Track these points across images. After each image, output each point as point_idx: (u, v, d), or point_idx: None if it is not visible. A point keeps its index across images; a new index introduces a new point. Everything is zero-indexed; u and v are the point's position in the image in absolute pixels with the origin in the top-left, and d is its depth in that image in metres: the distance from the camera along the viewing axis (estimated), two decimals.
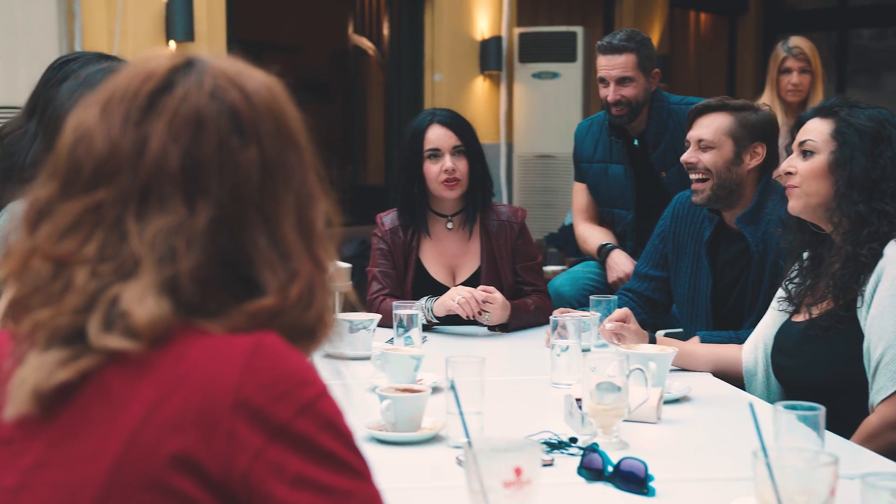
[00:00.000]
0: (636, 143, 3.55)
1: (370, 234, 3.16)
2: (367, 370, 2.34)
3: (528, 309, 2.97)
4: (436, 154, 3.03)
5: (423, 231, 3.09)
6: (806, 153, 2.24)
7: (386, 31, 8.94)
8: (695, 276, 2.88)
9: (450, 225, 3.11)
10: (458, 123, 3.06)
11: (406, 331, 2.48)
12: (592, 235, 3.64)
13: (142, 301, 0.92)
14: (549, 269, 5.76)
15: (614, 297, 2.68)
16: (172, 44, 6.57)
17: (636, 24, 9.83)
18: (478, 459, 1.27)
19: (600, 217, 3.72)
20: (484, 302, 2.83)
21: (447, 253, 3.10)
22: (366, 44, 9.36)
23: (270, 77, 1.06)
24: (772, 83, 4.30)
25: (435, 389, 2.20)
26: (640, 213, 3.56)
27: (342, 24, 10.05)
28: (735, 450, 1.77)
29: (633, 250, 3.54)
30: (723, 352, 2.46)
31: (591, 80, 8.85)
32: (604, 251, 3.51)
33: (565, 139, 3.76)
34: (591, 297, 2.67)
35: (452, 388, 1.49)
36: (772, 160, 2.78)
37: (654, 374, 2.12)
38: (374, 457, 1.78)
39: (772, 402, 2.28)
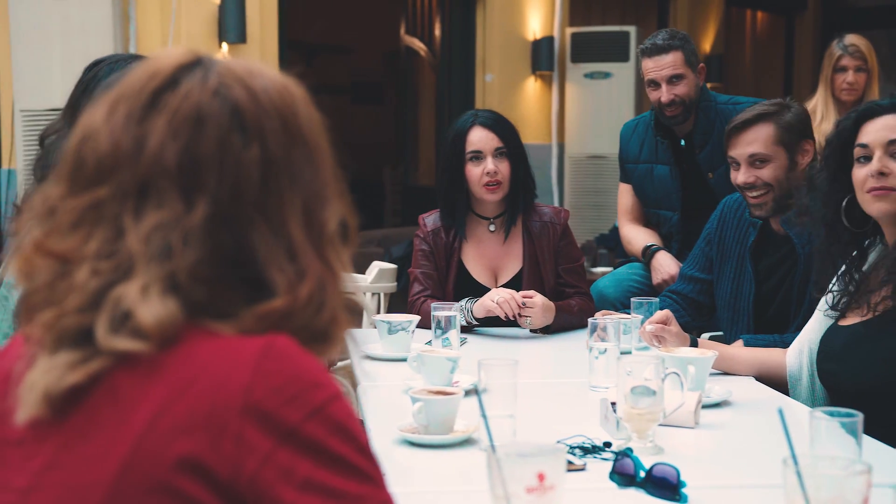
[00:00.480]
0: (682, 143, 3.51)
1: None
2: (405, 372, 2.34)
3: (572, 310, 2.95)
4: (478, 156, 3.02)
5: (464, 233, 3.08)
6: None
7: (437, 32, 8.95)
8: (738, 280, 2.84)
9: (492, 227, 3.10)
10: (500, 125, 3.05)
11: (444, 332, 2.47)
12: (637, 236, 3.60)
13: (146, 300, 0.92)
14: (598, 270, 5.72)
15: (656, 300, 2.64)
16: (225, 46, 6.63)
17: (691, 23, 9.73)
18: (501, 464, 1.26)
19: (645, 218, 3.69)
20: (524, 306, 2.80)
21: (489, 255, 3.09)
22: (417, 44, 9.38)
23: (286, 77, 1.05)
24: (826, 81, 4.22)
25: (469, 392, 2.18)
26: (685, 215, 3.51)
27: (394, 24, 10.07)
28: (773, 456, 1.72)
29: (678, 252, 3.50)
30: (766, 356, 2.41)
31: (643, 80, 8.75)
32: (648, 252, 3.48)
33: (617, 140, 3.73)
34: (633, 300, 2.64)
35: (477, 392, 1.47)
36: (815, 156, 2.74)
37: (692, 378, 2.09)
38: (406, 460, 1.79)
39: (816, 407, 2.24)
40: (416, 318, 2.59)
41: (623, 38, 8.58)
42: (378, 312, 4.40)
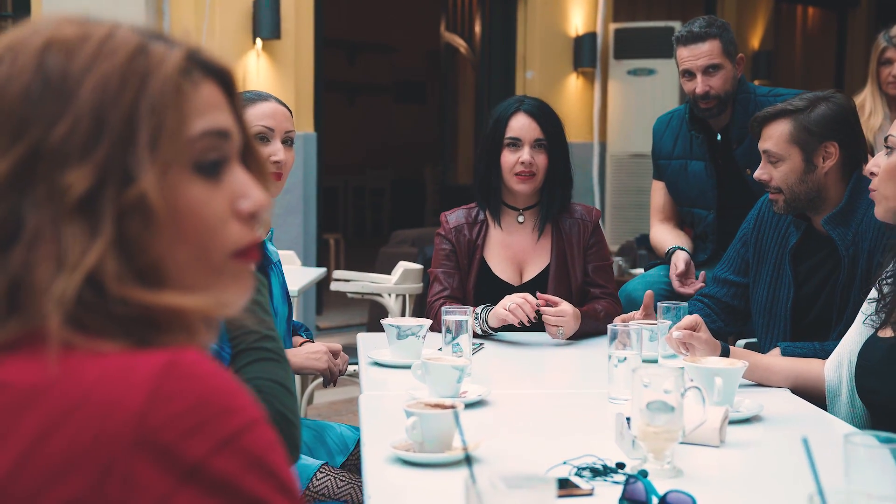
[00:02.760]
0: (718, 137, 3.31)
1: None
2: (413, 381, 2.18)
3: (598, 315, 2.77)
4: (515, 143, 2.87)
5: (495, 221, 2.93)
6: (890, 149, 2.01)
7: (478, 29, 8.80)
8: (775, 284, 2.64)
9: (521, 219, 2.94)
10: (544, 115, 2.89)
11: (454, 337, 2.30)
12: (665, 239, 3.41)
13: None
14: (637, 270, 5.51)
15: (685, 304, 2.46)
16: (259, 42, 6.54)
17: (739, 18, 9.49)
18: (482, 499, 1.10)
19: (679, 217, 3.49)
20: (544, 313, 2.64)
21: (515, 247, 2.93)
22: (458, 41, 9.23)
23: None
24: (872, 76, 4.00)
25: (477, 404, 2.02)
26: (721, 213, 3.31)
27: (436, 22, 9.93)
28: (808, 481, 1.55)
29: (714, 252, 3.30)
30: (804, 367, 2.22)
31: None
32: (667, 255, 3.28)
33: None
34: (660, 304, 2.46)
35: (456, 419, 1.31)
36: (858, 154, 2.53)
37: (719, 391, 1.91)
38: (399, 480, 1.63)
39: (857, 425, 2.05)
40: (427, 323, 2.42)
41: (668, 34, 8.30)
42: (403, 314, 4.25)
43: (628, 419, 1.72)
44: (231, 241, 0.90)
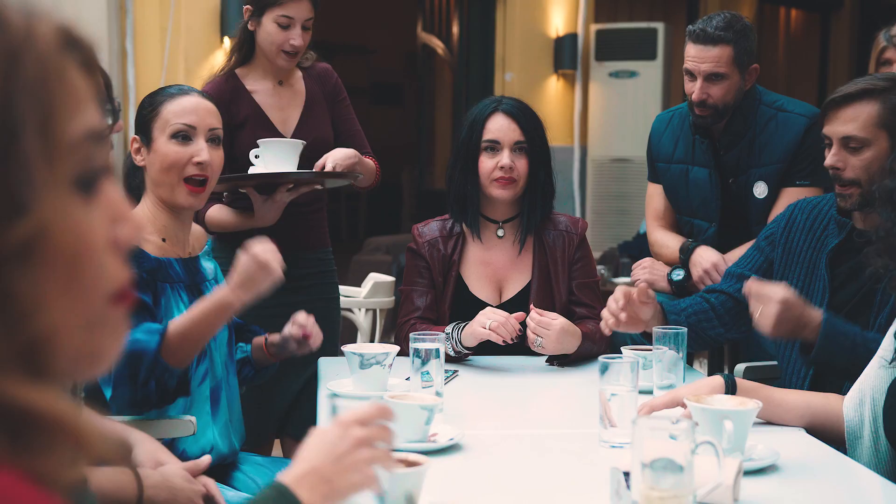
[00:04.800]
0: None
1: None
2: None
3: (595, 337, 2.51)
4: (493, 147, 2.60)
5: (472, 235, 2.68)
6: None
7: (455, 29, 8.58)
8: (806, 288, 2.35)
9: (500, 232, 2.68)
10: (525, 116, 2.62)
11: (424, 364, 2.03)
12: (672, 239, 3.08)
13: None
14: (620, 280, 5.27)
15: (683, 329, 2.19)
16: (227, 41, 6.27)
17: None
18: None
19: (678, 227, 3.16)
20: (538, 325, 2.37)
21: (494, 264, 2.67)
22: (435, 42, 8.99)
23: None
24: None
25: (448, 449, 1.75)
26: (724, 226, 2.98)
27: (412, 22, 9.68)
28: None
29: None
30: (820, 403, 1.95)
31: (672, 80, 8.39)
32: (687, 249, 2.95)
33: (643, 142, 3.22)
34: (655, 329, 2.19)
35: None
36: None
37: (730, 437, 1.65)
38: None
39: (881, 471, 1.79)
40: (393, 351, 2.15)
41: (650, 36, 8.23)
42: (374, 331, 3.97)
43: (626, 474, 1.46)
44: (110, 279, 0.64)
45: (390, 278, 3.93)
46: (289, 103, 2.86)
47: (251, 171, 2.67)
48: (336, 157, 2.69)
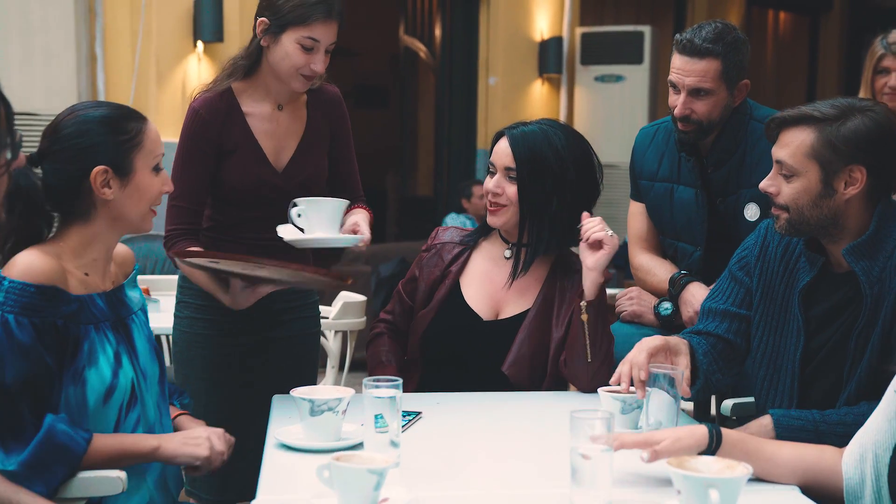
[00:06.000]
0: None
1: (413, 250, 2.59)
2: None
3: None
4: (490, 170, 2.50)
5: (483, 248, 2.58)
6: None
7: (438, 32, 8.42)
8: (781, 330, 2.17)
9: (507, 253, 2.54)
10: (524, 145, 2.43)
11: (379, 415, 1.83)
12: (660, 266, 2.87)
13: None
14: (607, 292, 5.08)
15: (680, 370, 1.98)
16: (200, 45, 6.08)
17: None
18: None
19: (662, 250, 2.95)
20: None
21: (496, 282, 2.52)
22: (417, 45, 8.83)
23: None
24: (866, 84, 3.56)
25: None
26: (710, 250, 2.77)
27: (394, 24, 9.50)
28: None
29: None
30: (814, 457, 1.76)
31: (659, 84, 8.25)
32: (679, 284, 2.74)
33: (629, 147, 3.01)
34: (651, 368, 1.97)
35: None
36: (889, 180, 2.06)
37: None
38: None
39: None
40: (347, 395, 1.94)
41: (637, 39, 8.11)
42: (343, 355, 3.77)
43: None
44: None
45: (361, 298, 3.73)
46: (286, 132, 2.51)
47: (286, 231, 2.33)
48: (367, 230, 2.41)
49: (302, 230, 2.34)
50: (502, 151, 2.46)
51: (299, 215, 2.33)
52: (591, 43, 8.27)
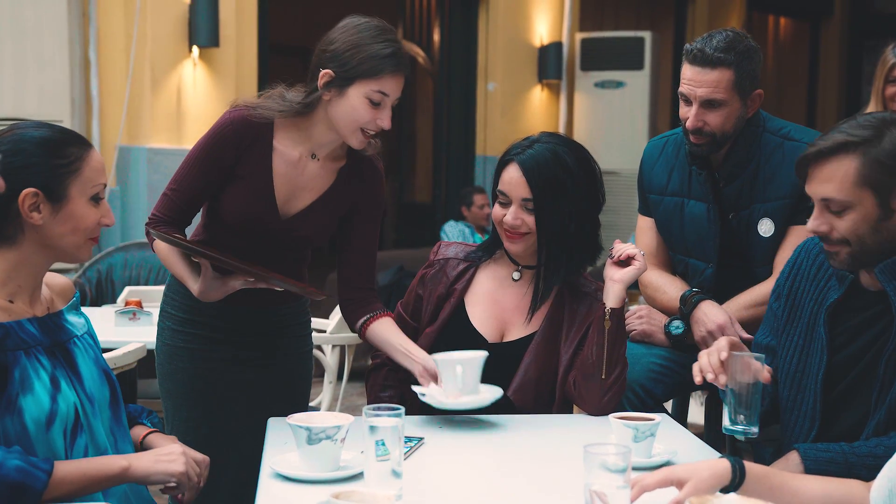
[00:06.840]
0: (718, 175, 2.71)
1: (412, 257, 2.49)
2: None
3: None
4: (503, 200, 2.38)
5: (490, 268, 2.49)
6: None
7: (436, 37, 8.35)
8: (806, 349, 2.08)
9: (516, 275, 2.45)
10: (539, 173, 2.32)
11: (379, 440, 1.74)
12: (670, 283, 2.77)
13: None
14: None
15: (761, 356, 1.92)
16: (196, 50, 5.99)
17: (710, 27, 9.05)
18: None
19: (672, 266, 2.86)
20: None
21: (503, 304, 2.44)
22: (415, 50, 8.74)
23: None
24: (877, 94, 3.48)
25: None
26: (722, 267, 2.68)
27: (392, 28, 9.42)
28: None
29: None
30: (841, 493, 1.67)
31: (659, 90, 8.19)
32: (690, 301, 2.64)
33: (630, 153, 2.94)
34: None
35: None
36: None
37: None
38: None
39: None
40: (346, 423, 1.85)
41: (637, 45, 8.05)
42: (342, 370, 3.68)
43: None
44: None
45: None
46: (307, 183, 2.36)
47: (430, 393, 2.22)
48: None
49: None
50: (515, 181, 2.33)
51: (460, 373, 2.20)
52: (590, 48, 8.21)
